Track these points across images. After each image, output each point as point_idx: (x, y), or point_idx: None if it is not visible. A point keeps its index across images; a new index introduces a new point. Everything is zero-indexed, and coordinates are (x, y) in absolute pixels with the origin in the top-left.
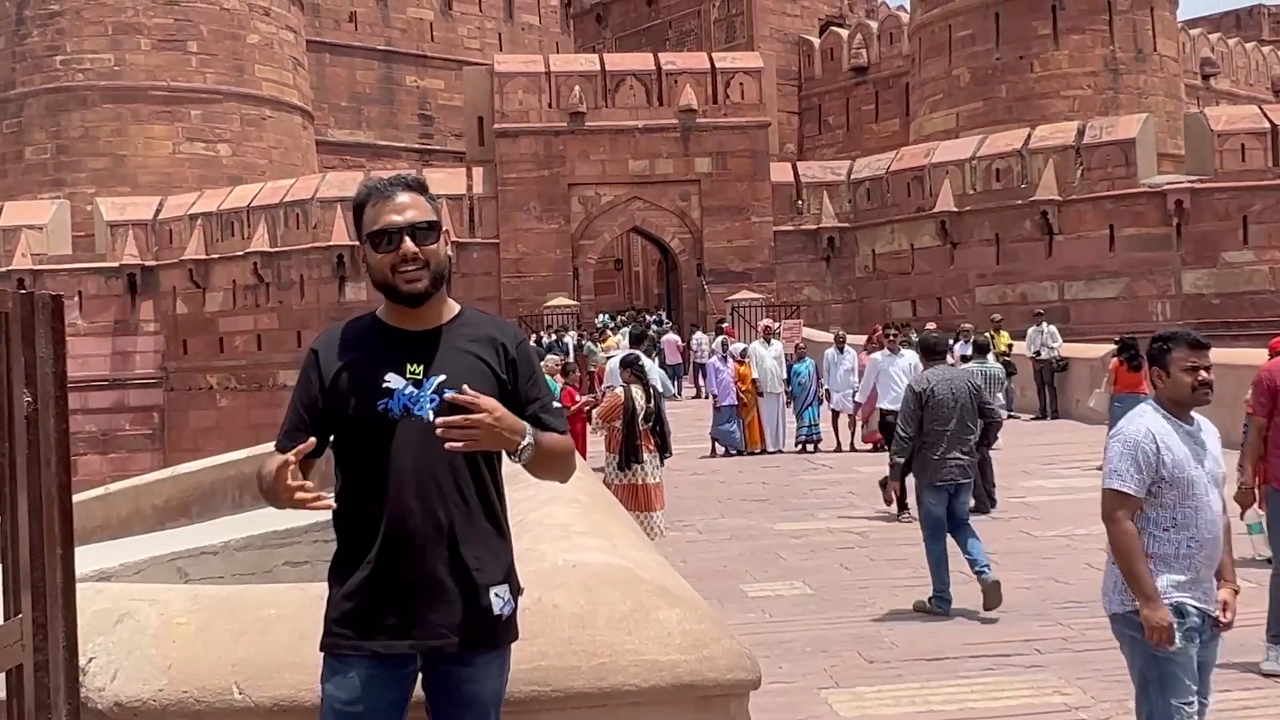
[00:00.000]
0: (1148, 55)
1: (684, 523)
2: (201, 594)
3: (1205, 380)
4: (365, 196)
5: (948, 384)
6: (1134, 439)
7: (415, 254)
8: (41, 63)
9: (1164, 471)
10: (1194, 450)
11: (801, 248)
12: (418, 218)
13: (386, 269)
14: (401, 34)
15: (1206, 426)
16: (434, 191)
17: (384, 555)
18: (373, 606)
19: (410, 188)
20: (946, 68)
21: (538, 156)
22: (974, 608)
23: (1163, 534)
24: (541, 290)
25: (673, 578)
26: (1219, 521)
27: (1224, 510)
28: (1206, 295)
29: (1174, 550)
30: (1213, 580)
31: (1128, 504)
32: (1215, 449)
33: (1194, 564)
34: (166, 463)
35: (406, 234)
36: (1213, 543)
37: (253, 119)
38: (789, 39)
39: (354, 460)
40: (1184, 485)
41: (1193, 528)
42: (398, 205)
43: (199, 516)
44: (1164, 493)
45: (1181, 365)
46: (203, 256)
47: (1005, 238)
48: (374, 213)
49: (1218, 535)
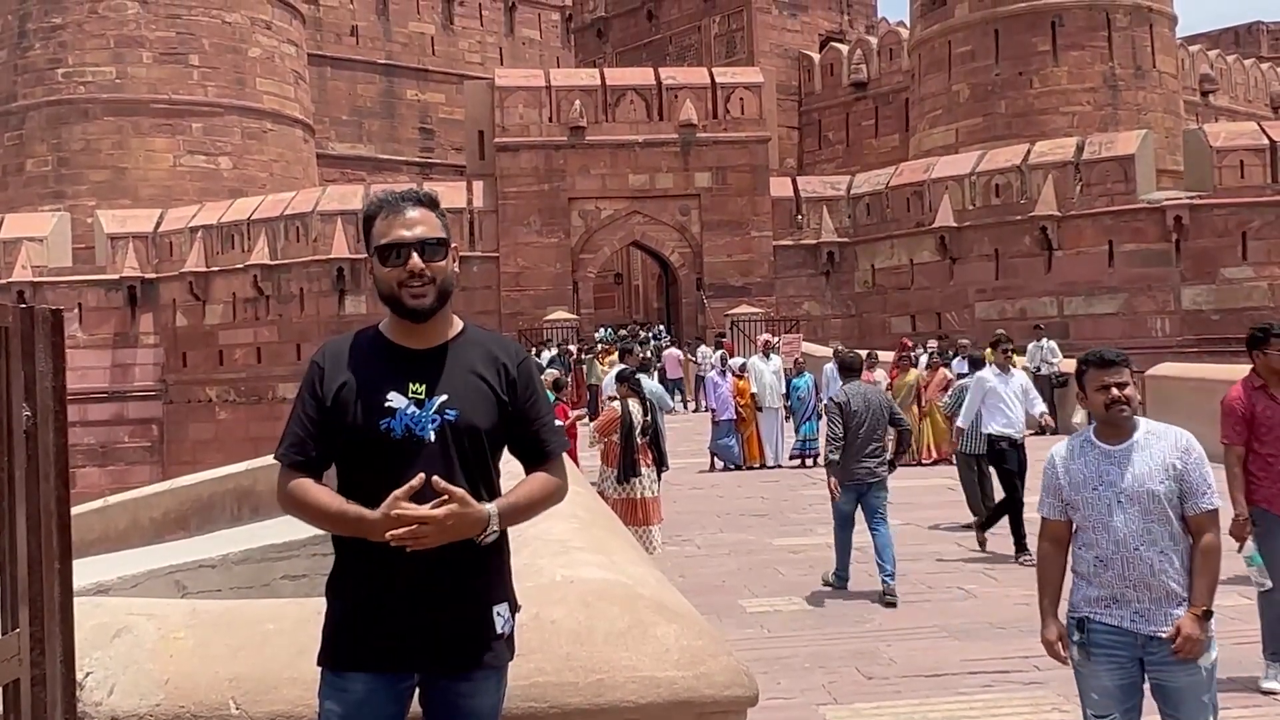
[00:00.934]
0: (1147, 72)
1: (683, 537)
2: (199, 608)
3: (1116, 398)
4: (376, 209)
5: (862, 397)
6: (1045, 465)
7: (423, 270)
8: (43, 76)
9: (1064, 494)
10: (1103, 470)
11: (801, 262)
12: (427, 234)
13: (393, 283)
14: (403, 48)
15: (1149, 442)
16: None
17: (383, 572)
18: (371, 623)
19: (421, 203)
20: (946, 83)
21: (538, 170)
22: (973, 625)
23: (1079, 550)
24: (541, 304)
25: (671, 593)
26: (1132, 541)
27: (1178, 532)
28: (1206, 311)
29: (1086, 568)
30: (1156, 601)
31: (1045, 526)
32: (1153, 464)
33: (1104, 581)
34: (165, 475)
35: (415, 250)
36: (1124, 563)
37: (254, 132)
38: (789, 54)
39: (354, 476)
40: (1084, 506)
41: (1096, 547)
42: (408, 220)
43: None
44: (1073, 513)
45: (1094, 385)
46: (203, 269)
47: (1005, 253)
48: (384, 226)
49: (1134, 556)
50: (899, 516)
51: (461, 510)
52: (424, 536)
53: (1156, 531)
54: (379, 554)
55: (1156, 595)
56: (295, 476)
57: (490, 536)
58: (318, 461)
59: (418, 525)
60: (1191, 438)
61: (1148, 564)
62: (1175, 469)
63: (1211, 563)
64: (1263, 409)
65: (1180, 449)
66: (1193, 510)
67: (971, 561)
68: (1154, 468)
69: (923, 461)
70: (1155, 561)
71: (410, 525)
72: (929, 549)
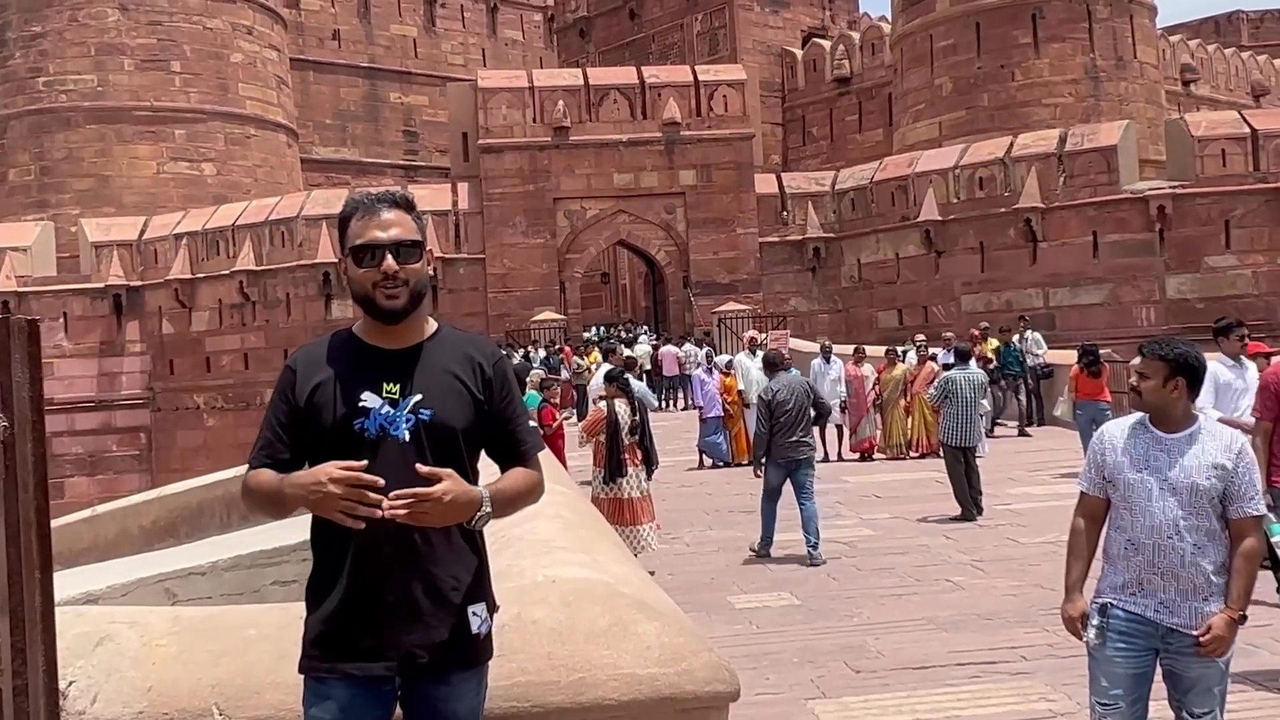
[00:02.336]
0: (1128, 62)
1: (672, 535)
2: (182, 615)
3: (1134, 386)
4: (351, 210)
5: (788, 389)
6: (1094, 439)
7: (397, 272)
8: (24, 84)
9: (1105, 472)
10: (1150, 455)
11: (787, 259)
12: (402, 236)
13: (367, 284)
14: (385, 51)
15: (1202, 437)
16: (420, 208)
17: (359, 576)
18: (348, 628)
19: (397, 205)
20: (929, 77)
21: (523, 171)
22: (961, 617)
23: (1113, 532)
24: (528, 305)
25: (653, 591)
26: (1167, 530)
27: (1215, 529)
28: (1190, 300)
29: (1117, 550)
30: (1182, 593)
31: (1083, 500)
32: (1204, 459)
33: (1132, 566)
34: (154, 483)
35: (389, 251)
36: (1155, 550)
37: (237, 138)
38: (772, 51)
39: None
40: (1123, 487)
41: (1129, 530)
42: (383, 222)
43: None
44: (1112, 493)
45: (1134, 374)
46: (188, 276)
47: (990, 246)
48: (359, 227)
49: (1167, 544)
50: (888, 509)
51: (457, 487)
52: (424, 513)
53: (1192, 524)
54: (353, 553)
55: (1183, 587)
56: None
57: (482, 521)
58: (288, 464)
59: (417, 501)
60: (1246, 442)
61: (1179, 554)
62: (1225, 469)
63: (1251, 567)
64: None
65: (1234, 451)
66: (1237, 514)
67: (959, 554)
68: (1203, 463)
69: (910, 455)
70: (1187, 553)
71: (409, 501)
72: (917, 541)
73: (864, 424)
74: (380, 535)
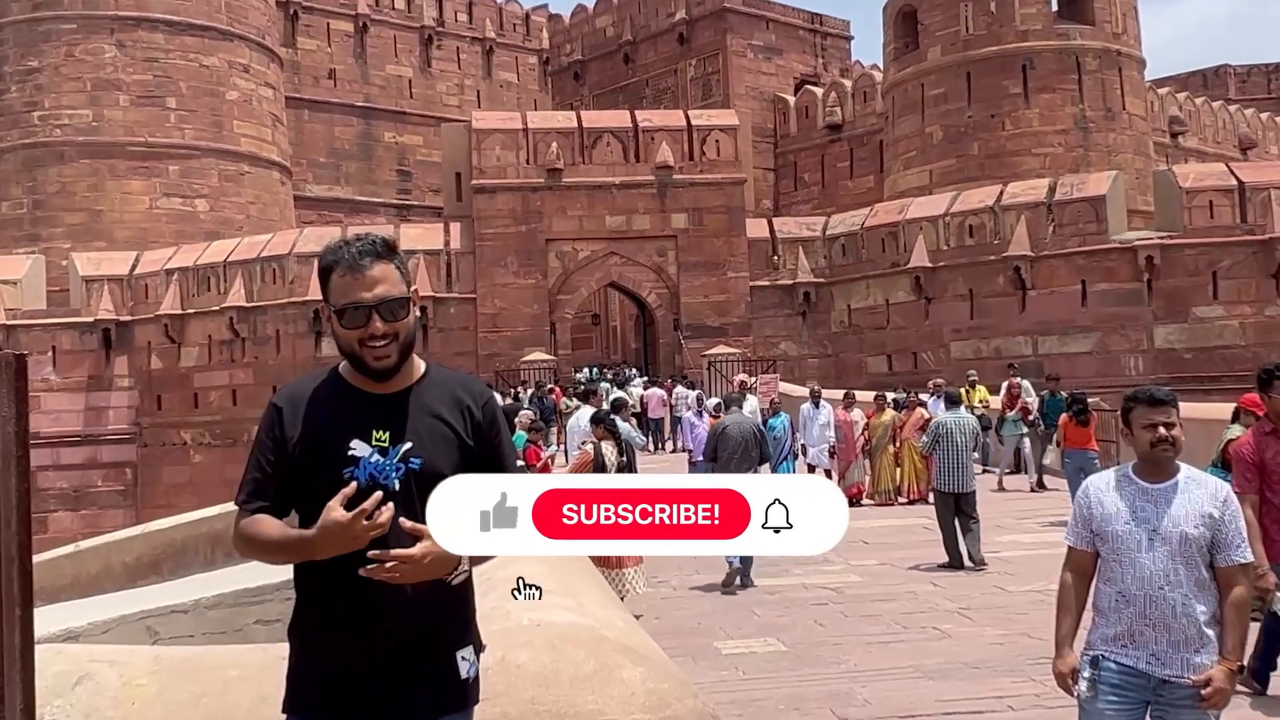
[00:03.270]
0: (1117, 114)
1: (659, 579)
2: (162, 655)
3: (1163, 437)
4: (332, 262)
5: (737, 426)
6: (1079, 493)
7: (385, 332)
8: (19, 118)
9: (1093, 525)
10: (1139, 506)
11: (777, 303)
12: (388, 293)
13: (354, 342)
14: (380, 91)
15: (1188, 486)
16: (412, 247)
17: (347, 620)
18: (335, 671)
19: (379, 256)
20: (919, 125)
21: (515, 212)
22: (948, 665)
23: (1102, 585)
24: (519, 345)
25: (638, 636)
26: (1158, 580)
27: (1205, 579)
28: (1178, 350)
29: (1107, 603)
30: (1174, 644)
31: (1071, 555)
32: (1190, 508)
33: (1123, 618)
34: (139, 519)
35: (376, 311)
36: (1147, 601)
37: (231, 174)
38: (764, 97)
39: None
40: (1111, 540)
41: (1119, 582)
42: (367, 280)
43: (171, 574)
44: (1101, 546)
45: (1142, 422)
46: (178, 311)
47: (979, 293)
48: (342, 285)
49: (1158, 595)
50: (875, 555)
51: (436, 547)
52: (400, 574)
53: (1183, 574)
54: (340, 595)
55: (1175, 639)
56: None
57: (460, 576)
58: (276, 508)
59: (394, 563)
60: (1230, 489)
61: (1170, 605)
62: (1212, 518)
63: (1244, 616)
64: (1273, 455)
65: (1219, 499)
66: (1225, 562)
67: (947, 601)
68: (1191, 512)
69: (899, 501)
70: (1179, 603)
71: (389, 563)
72: (905, 589)
73: (853, 469)
74: (370, 582)
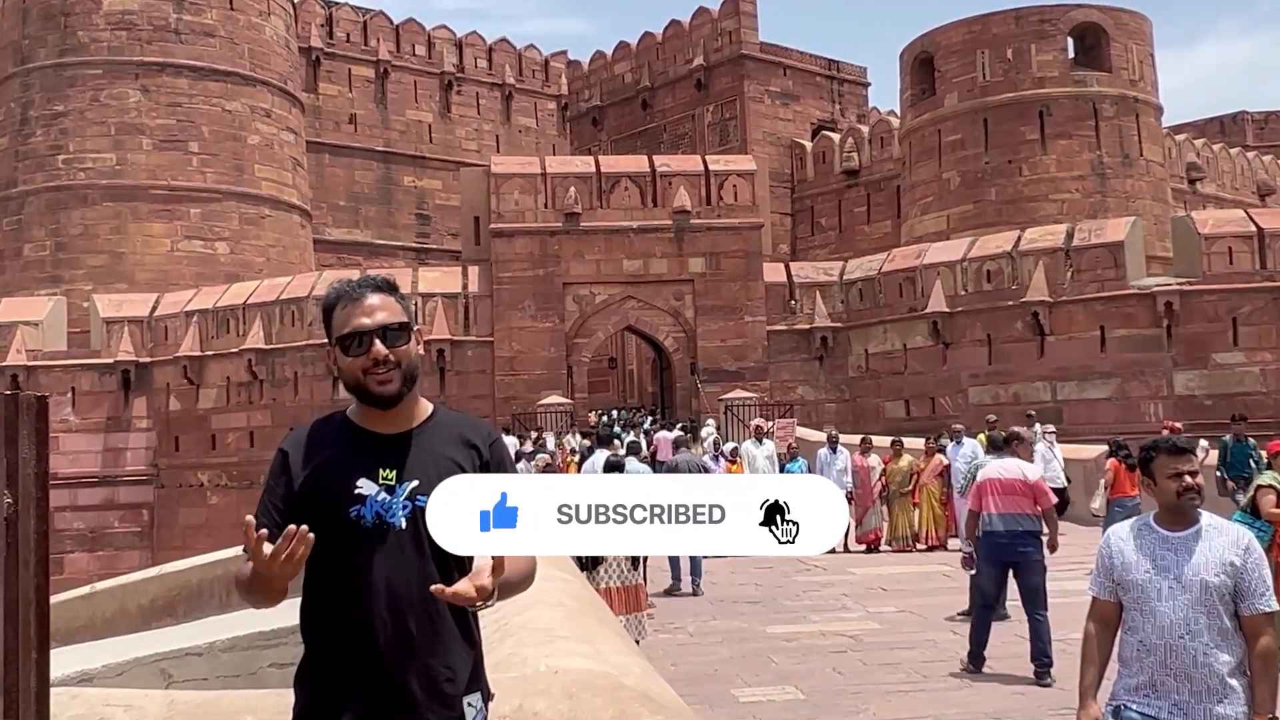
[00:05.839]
0: (1134, 160)
1: (675, 625)
2: (176, 699)
3: (1189, 486)
4: (334, 299)
5: (688, 463)
6: (1101, 543)
7: (387, 356)
8: (44, 162)
9: (1116, 575)
10: (1159, 555)
11: (795, 347)
12: (388, 319)
13: (358, 372)
14: (400, 135)
15: (1210, 534)
16: (430, 290)
17: (352, 665)
18: (340, 714)
19: (379, 289)
20: (936, 171)
21: (533, 256)
22: (969, 715)
23: (1125, 635)
24: (535, 388)
25: (656, 683)
26: (1178, 630)
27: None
28: (1198, 396)
29: (1130, 652)
30: (1196, 694)
31: (1095, 605)
32: (1212, 556)
33: (1145, 668)
34: (155, 561)
35: (377, 336)
36: (1167, 650)
37: (251, 218)
38: (781, 142)
39: (323, 566)
40: (1133, 589)
41: (1140, 632)
42: (367, 308)
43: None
44: (1123, 595)
45: (1165, 472)
46: (197, 353)
47: (997, 338)
48: (343, 315)
49: (1178, 645)
50: (894, 602)
51: (466, 586)
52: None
53: (1204, 623)
54: (349, 644)
55: (1197, 688)
56: None
57: (487, 606)
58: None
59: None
60: (1252, 537)
61: (1190, 654)
62: (1234, 566)
63: (1271, 667)
64: None
65: (1241, 547)
66: (1249, 611)
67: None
68: (1212, 560)
69: (917, 547)
70: (1200, 653)
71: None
72: (925, 636)
73: (870, 515)
74: (375, 624)
